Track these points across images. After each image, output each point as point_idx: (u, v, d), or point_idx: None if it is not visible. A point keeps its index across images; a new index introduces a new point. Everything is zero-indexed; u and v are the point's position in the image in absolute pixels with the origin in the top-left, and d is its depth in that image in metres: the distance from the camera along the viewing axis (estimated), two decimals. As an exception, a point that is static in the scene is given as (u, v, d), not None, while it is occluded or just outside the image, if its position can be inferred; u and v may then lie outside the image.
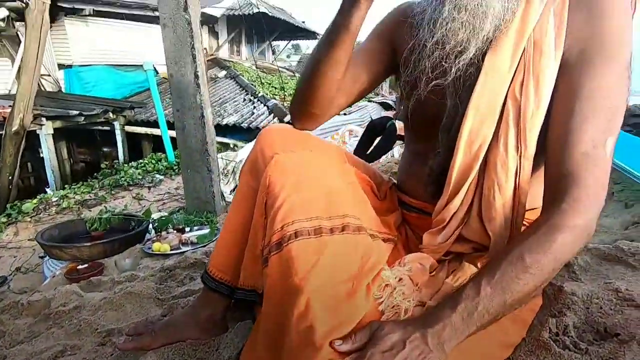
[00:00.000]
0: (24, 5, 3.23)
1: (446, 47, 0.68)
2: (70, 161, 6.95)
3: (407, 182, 0.94)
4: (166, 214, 2.54)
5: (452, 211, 0.73)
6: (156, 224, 2.11)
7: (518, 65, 0.65)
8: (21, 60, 3.20)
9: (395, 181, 1.02)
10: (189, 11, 2.17)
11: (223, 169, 2.70)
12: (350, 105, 0.96)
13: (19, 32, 6.24)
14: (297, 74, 11.56)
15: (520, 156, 0.65)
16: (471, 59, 0.68)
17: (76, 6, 6.93)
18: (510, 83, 0.65)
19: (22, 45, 4.28)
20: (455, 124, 0.74)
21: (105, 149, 7.23)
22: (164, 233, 2.01)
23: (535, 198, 0.69)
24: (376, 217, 0.85)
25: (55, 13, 6.90)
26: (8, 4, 5.98)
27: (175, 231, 2.06)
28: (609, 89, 0.61)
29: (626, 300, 0.80)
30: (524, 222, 0.75)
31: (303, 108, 0.83)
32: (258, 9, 9.82)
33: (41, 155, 5.31)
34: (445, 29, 0.66)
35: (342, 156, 0.92)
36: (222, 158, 2.76)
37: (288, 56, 24.07)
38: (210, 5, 9.83)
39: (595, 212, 0.60)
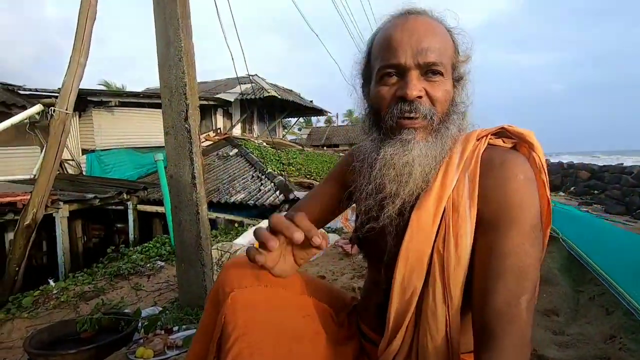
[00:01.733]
0: (54, 104, 3.63)
1: (378, 196, 0.77)
2: (83, 238, 7.14)
3: (364, 311, 0.98)
4: (160, 308, 2.56)
5: (392, 354, 0.76)
6: (145, 324, 2.12)
7: (440, 222, 0.72)
8: (42, 160, 3.52)
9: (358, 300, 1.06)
10: (189, 121, 2.43)
11: (218, 260, 2.76)
12: None
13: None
14: (306, 148, 12.10)
15: (448, 308, 0.69)
16: (401, 210, 0.76)
17: (104, 99, 7.70)
18: (435, 238, 0.72)
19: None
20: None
21: (118, 225, 7.47)
22: (150, 335, 2.01)
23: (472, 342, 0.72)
24: (330, 352, 0.88)
25: (85, 105, 7.68)
26: (44, 100, 6.72)
27: (163, 332, 2.07)
28: (516, 251, 0.65)
29: None
30: None
31: None
32: (268, 92, 10.68)
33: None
34: (377, 182, 0.76)
35: (300, 286, 0.97)
36: (217, 249, 2.83)
37: (299, 129, 25.40)
38: (225, 92, 10.76)
39: None
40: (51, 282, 3.09)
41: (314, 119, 25.54)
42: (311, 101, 14.90)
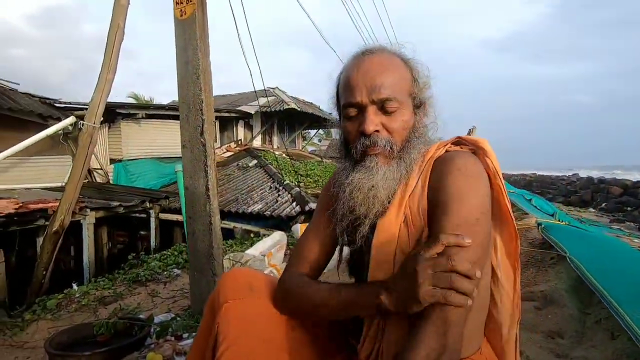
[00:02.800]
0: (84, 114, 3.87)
1: (350, 218, 0.84)
2: (108, 244, 7.44)
3: (351, 324, 1.01)
4: (173, 315, 2.65)
5: (366, 351, 0.81)
6: (157, 329, 2.21)
7: (401, 223, 0.79)
8: (71, 170, 3.75)
9: None
10: (204, 135, 2.54)
11: (229, 270, 2.83)
12: None
13: (82, 134, 7.32)
14: (324, 160, 12.18)
15: None
16: (372, 229, 0.82)
17: (131, 111, 8.09)
18: (398, 237, 0.78)
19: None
20: None
21: (142, 232, 7.76)
22: (161, 340, 2.10)
23: None
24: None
25: (114, 117, 8.08)
26: (77, 112, 7.13)
27: (173, 338, 2.15)
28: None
29: None
30: None
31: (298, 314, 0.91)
32: (288, 105, 10.89)
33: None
34: (349, 204, 0.83)
35: (291, 298, 1.02)
36: (229, 259, 2.92)
37: (320, 140, 25.53)
38: (246, 104, 11.06)
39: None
40: (75, 286, 3.26)
41: (333, 130, 25.60)
42: (330, 113, 14.99)
